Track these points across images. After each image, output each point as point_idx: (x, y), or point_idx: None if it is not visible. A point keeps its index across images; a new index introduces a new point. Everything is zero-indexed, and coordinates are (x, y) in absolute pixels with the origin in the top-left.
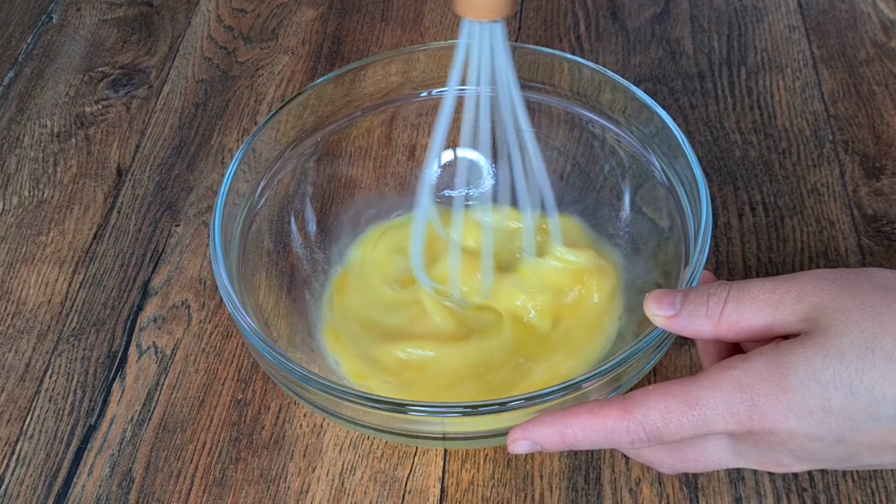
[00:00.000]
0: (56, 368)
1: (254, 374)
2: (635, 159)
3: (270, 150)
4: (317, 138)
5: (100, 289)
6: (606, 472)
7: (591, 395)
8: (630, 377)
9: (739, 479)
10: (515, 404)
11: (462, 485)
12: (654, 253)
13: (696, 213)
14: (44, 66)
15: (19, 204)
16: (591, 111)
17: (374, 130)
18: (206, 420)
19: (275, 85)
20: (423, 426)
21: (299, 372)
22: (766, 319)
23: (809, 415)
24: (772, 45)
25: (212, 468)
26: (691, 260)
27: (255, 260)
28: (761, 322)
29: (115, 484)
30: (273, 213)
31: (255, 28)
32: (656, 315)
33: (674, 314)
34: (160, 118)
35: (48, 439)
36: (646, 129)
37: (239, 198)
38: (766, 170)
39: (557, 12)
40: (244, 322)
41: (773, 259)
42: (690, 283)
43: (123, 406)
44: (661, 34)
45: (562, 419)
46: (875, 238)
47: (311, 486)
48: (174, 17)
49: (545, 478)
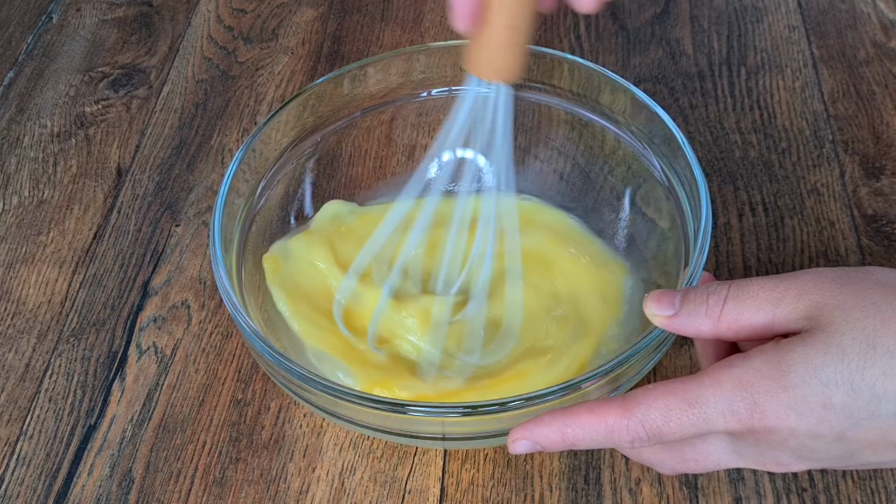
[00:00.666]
0: (56, 368)
1: (254, 374)
2: (635, 159)
3: (270, 150)
4: (317, 138)
5: (100, 289)
6: (606, 473)
7: (590, 395)
8: (630, 377)
9: (739, 479)
10: (515, 404)
11: (462, 485)
12: (654, 253)
13: (695, 213)
14: (44, 66)
15: (19, 204)
16: (592, 111)
17: (374, 130)
18: (206, 420)
19: (275, 85)
20: (422, 426)
21: (299, 372)
22: (767, 318)
23: (810, 412)
24: (772, 45)
25: (212, 468)
26: (691, 260)
27: (255, 260)
28: (761, 320)
29: (115, 484)
30: (273, 213)
31: (255, 28)
32: (656, 315)
33: (673, 314)
34: (160, 118)
35: (48, 439)
36: (646, 129)
37: (239, 198)
38: (766, 170)
39: (557, 12)
40: (244, 322)
41: (773, 259)
42: (690, 284)
43: (123, 406)
44: (661, 34)
45: (562, 418)
46: (875, 238)
47: (311, 486)
48: (174, 17)
49: (545, 478)
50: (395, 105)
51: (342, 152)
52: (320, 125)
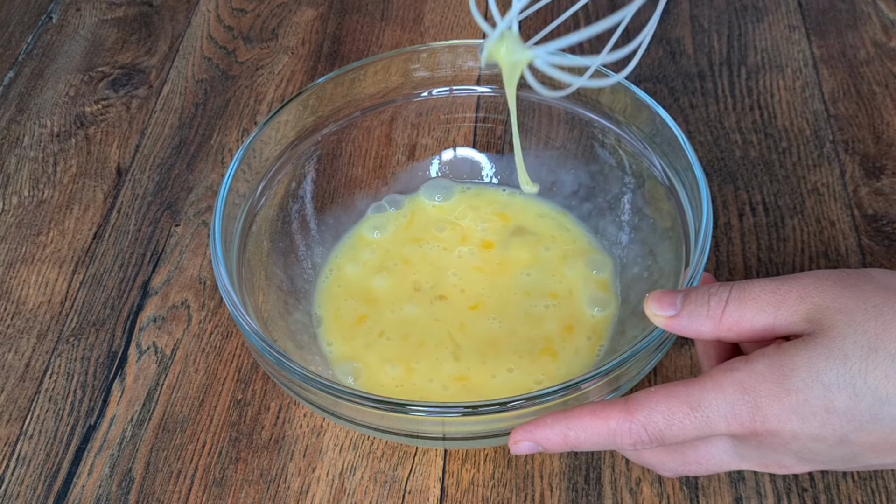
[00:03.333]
0: (56, 368)
1: (254, 374)
2: (635, 159)
3: (270, 150)
4: (317, 138)
5: (99, 289)
6: (607, 473)
7: (590, 396)
8: (629, 378)
9: (740, 480)
10: (515, 404)
11: (462, 485)
12: (655, 253)
13: (696, 213)
14: (44, 65)
15: (19, 204)
16: (592, 111)
17: (374, 130)
18: (206, 420)
19: (275, 85)
20: (422, 426)
21: (299, 372)
22: (768, 320)
23: (813, 416)
24: (772, 45)
25: (211, 468)
26: (691, 261)
27: (255, 260)
28: (763, 323)
29: (115, 484)
30: (273, 213)
31: (255, 28)
32: (657, 315)
33: (674, 314)
34: (160, 118)
35: (48, 439)
36: (646, 129)
37: (239, 198)
38: (767, 170)
39: (557, 12)
40: (244, 322)
41: (773, 259)
42: (690, 284)
43: (123, 406)
44: (661, 34)
45: (564, 420)
46: (875, 238)
47: (311, 486)
48: (174, 16)
49: (545, 478)
50: (395, 105)
51: (342, 152)
52: (320, 125)
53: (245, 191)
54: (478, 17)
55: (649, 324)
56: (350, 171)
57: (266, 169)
